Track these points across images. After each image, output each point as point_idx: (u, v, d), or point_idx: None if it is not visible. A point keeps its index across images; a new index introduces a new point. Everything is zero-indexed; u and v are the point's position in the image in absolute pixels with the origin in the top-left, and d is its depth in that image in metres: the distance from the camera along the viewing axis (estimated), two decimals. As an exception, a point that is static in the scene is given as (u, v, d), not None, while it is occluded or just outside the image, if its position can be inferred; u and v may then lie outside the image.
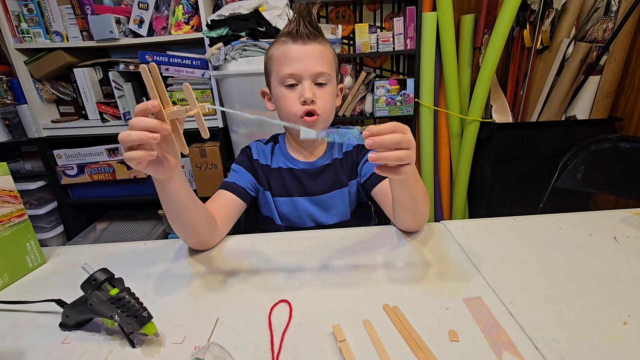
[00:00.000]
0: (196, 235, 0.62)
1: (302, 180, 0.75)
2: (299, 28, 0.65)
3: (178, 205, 0.56)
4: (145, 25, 1.52)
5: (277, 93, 0.69)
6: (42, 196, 1.72)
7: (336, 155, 0.77)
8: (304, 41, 0.66)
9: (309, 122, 0.66)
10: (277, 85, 0.68)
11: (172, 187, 0.54)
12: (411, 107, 1.69)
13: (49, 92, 1.64)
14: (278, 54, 0.68)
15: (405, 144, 0.44)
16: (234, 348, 0.43)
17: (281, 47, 0.67)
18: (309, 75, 0.66)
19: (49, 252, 0.68)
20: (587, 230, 0.65)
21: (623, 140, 1.01)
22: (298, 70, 0.66)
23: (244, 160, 0.77)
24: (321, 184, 0.75)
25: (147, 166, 0.47)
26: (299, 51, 0.65)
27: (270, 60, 0.70)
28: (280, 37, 0.68)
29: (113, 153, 1.63)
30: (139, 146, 0.45)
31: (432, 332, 0.44)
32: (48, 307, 0.51)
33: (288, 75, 0.66)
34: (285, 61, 0.66)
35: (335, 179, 0.75)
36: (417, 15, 1.57)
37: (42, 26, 1.55)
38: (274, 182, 0.76)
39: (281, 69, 0.67)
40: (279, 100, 0.69)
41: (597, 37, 1.47)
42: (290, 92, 0.67)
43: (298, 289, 0.53)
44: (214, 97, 1.56)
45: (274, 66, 0.69)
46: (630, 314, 0.45)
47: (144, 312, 0.43)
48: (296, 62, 0.65)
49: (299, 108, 0.67)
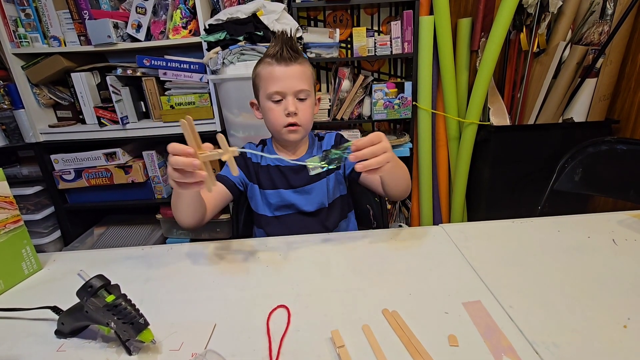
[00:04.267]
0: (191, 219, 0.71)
1: (287, 175, 0.85)
2: (282, 52, 0.76)
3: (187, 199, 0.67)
4: (143, 30, 1.52)
5: (265, 106, 0.80)
6: (39, 201, 1.71)
7: (315, 154, 0.89)
8: (287, 63, 0.76)
9: (291, 131, 0.79)
10: (264, 99, 0.79)
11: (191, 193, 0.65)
12: (409, 110, 1.69)
13: (47, 97, 1.64)
14: (265, 74, 0.78)
15: (380, 150, 0.56)
16: (232, 355, 0.42)
17: (267, 68, 0.78)
18: (292, 92, 0.77)
19: (45, 258, 0.68)
20: (586, 232, 0.65)
21: (620, 143, 1.02)
22: (282, 88, 0.77)
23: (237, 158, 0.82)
24: (302, 178, 0.85)
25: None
26: (282, 72, 0.76)
27: (258, 78, 0.81)
28: (266, 58, 0.79)
29: (110, 157, 1.63)
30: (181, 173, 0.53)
31: (432, 337, 0.43)
32: (43, 314, 0.50)
33: (274, 92, 0.77)
34: (271, 80, 0.77)
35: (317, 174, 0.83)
36: (414, 19, 1.57)
37: (39, 31, 1.55)
38: (263, 177, 0.86)
39: (268, 87, 0.77)
40: (267, 112, 0.80)
41: (593, 40, 1.48)
42: (276, 106, 0.78)
43: (296, 294, 0.53)
44: (212, 101, 1.56)
45: (262, 83, 0.79)
46: (630, 317, 0.45)
47: (141, 318, 0.42)
48: (281, 81, 0.76)
49: (284, 119, 0.78)
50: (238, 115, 1.47)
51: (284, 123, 0.78)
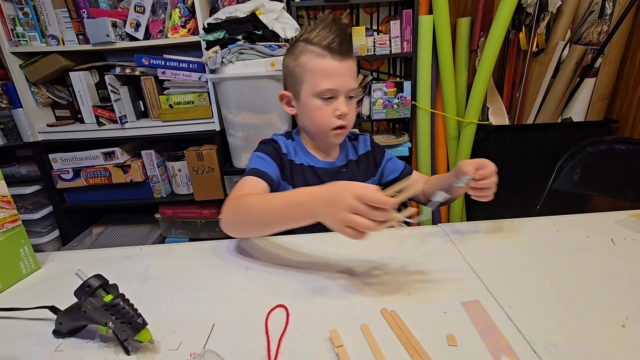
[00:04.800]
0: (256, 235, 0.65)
1: (323, 178, 0.77)
2: (341, 45, 0.67)
3: (278, 227, 0.56)
4: (142, 29, 1.51)
5: (311, 104, 0.71)
6: (37, 200, 1.70)
7: (352, 157, 0.82)
8: (342, 57, 0.68)
9: (338, 134, 0.73)
10: (310, 96, 0.71)
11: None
12: (408, 109, 1.69)
13: (45, 96, 1.63)
14: (315, 66, 0.69)
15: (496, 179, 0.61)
16: (230, 354, 0.42)
17: (319, 60, 0.68)
18: (345, 91, 0.70)
19: (43, 257, 0.67)
20: (585, 232, 0.65)
21: (619, 142, 1.02)
22: (337, 86, 0.69)
23: (270, 152, 0.76)
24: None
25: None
26: (338, 67, 0.68)
27: (303, 69, 0.70)
28: (314, 47, 0.69)
29: (109, 157, 1.62)
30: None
31: (430, 337, 0.43)
32: (41, 314, 0.50)
33: (327, 90, 0.69)
34: (325, 76, 0.68)
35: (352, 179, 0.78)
36: (413, 19, 1.57)
37: (37, 30, 1.54)
38: (297, 177, 0.77)
39: (319, 83, 0.69)
40: (312, 111, 0.71)
41: (592, 40, 1.48)
42: (326, 104, 0.70)
43: (295, 293, 0.53)
44: (211, 101, 1.55)
45: (309, 77, 0.70)
46: (629, 317, 0.45)
47: (139, 318, 0.42)
48: (335, 78, 0.68)
49: (333, 121, 0.71)
50: (237, 115, 1.47)
51: (333, 125, 0.71)
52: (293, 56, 0.72)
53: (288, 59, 0.73)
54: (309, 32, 0.70)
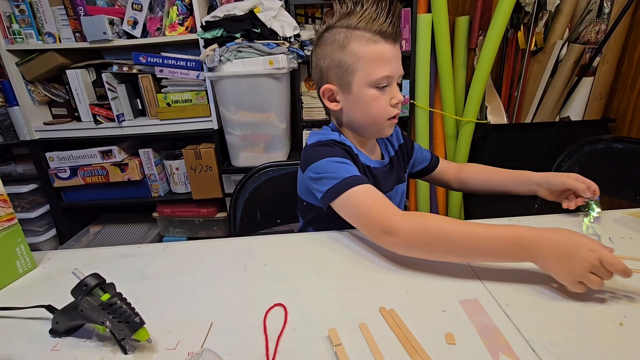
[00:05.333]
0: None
1: (378, 179, 0.73)
2: (394, 27, 0.62)
3: (481, 260, 0.56)
4: (139, 27, 1.51)
5: (366, 94, 0.65)
6: (34, 199, 1.70)
7: (391, 153, 0.79)
8: (394, 42, 0.64)
9: (393, 124, 0.70)
10: (364, 86, 0.65)
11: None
12: (407, 108, 1.69)
13: (41, 94, 1.62)
14: (370, 53, 0.63)
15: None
16: (228, 353, 0.42)
17: (374, 47, 0.63)
18: (398, 77, 0.66)
19: (40, 256, 0.67)
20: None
21: (616, 141, 1.02)
22: (392, 72, 0.64)
23: (344, 154, 0.67)
24: (390, 181, 0.76)
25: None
26: (392, 52, 0.64)
27: (356, 58, 0.63)
28: (364, 33, 0.63)
29: (106, 155, 1.62)
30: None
31: (429, 335, 0.43)
32: (38, 313, 0.50)
33: (384, 77, 0.64)
34: (381, 62, 0.63)
35: (398, 175, 0.79)
36: (412, 17, 1.57)
37: (34, 27, 1.53)
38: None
39: (376, 71, 0.63)
40: (369, 102, 0.65)
41: (590, 39, 1.48)
42: (382, 94, 0.65)
43: (293, 292, 0.53)
44: (209, 99, 1.55)
45: (363, 65, 0.63)
46: (626, 315, 0.45)
47: (136, 317, 0.42)
48: (391, 64, 0.64)
49: (390, 110, 0.67)
50: (235, 113, 1.46)
51: (389, 114, 0.66)
52: (337, 44, 0.64)
53: (329, 48, 0.66)
54: (348, 16, 0.63)
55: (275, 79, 1.42)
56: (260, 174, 0.92)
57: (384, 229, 0.56)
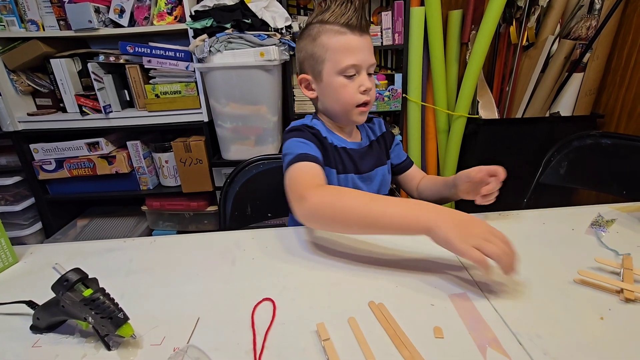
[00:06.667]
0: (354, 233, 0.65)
1: (354, 159, 0.78)
2: (360, 21, 0.68)
3: (380, 231, 0.57)
4: (126, 15, 1.47)
5: (335, 82, 0.71)
6: (18, 192, 1.65)
7: (372, 138, 0.84)
8: (362, 33, 0.69)
9: (362, 112, 0.73)
10: (333, 75, 0.70)
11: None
12: (399, 102, 1.69)
13: (25, 84, 1.57)
14: (336, 44, 0.69)
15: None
16: (215, 349, 0.41)
17: (339, 37, 0.68)
18: (367, 66, 0.70)
19: (22, 250, 0.65)
20: (570, 225, 0.66)
21: (604, 137, 1.03)
22: (359, 61, 0.69)
23: (309, 137, 0.72)
24: (368, 162, 0.80)
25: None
26: (359, 43, 0.68)
27: (323, 49, 0.70)
28: (332, 26, 0.69)
29: (93, 147, 1.58)
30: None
31: (417, 329, 0.43)
32: (18, 309, 0.48)
33: (350, 66, 0.69)
34: (347, 52, 0.68)
35: (378, 157, 0.83)
36: (405, 10, 1.56)
37: (16, 14, 1.48)
38: (334, 159, 0.76)
39: (342, 60, 0.69)
40: (337, 89, 0.71)
41: (581, 35, 1.49)
42: (349, 82, 0.70)
43: (282, 287, 0.52)
44: (199, 91, 1.52)
45: (330, 55, 0.69)
46: (611, 308, 0.46)
47: (120, 313, 0.41)
48: (357, 54, 0.68)
49: (358, 97, 0.71)
50: (225, 105, 1.44)
51: (357, 101, 0.71)
52: (310, 38, 0.71)
53: (304, 42, 0.73)
54: (323, 13, 0.70)
55: (267, 71, 1.40)
56: (251, 167, 0.91)
57: (298, 197, 0.58)
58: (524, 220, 0.69)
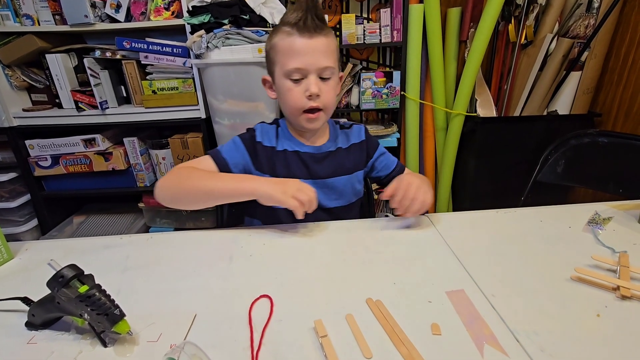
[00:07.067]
0: (198, 207, 0.70)
1: (307, 163, 0.76)
2: (307, 21, 0.64)
3: (218, 198, 0.67)
4: (123, 10, 1.45)
5: (282, 85, 0.69)
6: (13, 188, 1.64)
7: (341, 145, 0.80)
8: (311, 34, 0.65)
9: (310, 119, 0.70)
10: (281, 77, 0.69)
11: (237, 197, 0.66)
12: (397, 100, 1.68)
13: (20, 79, 1.55)
14: (283, 46, 0.67)
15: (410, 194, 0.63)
16: (212, 345, 0.41)
17: (287, 39, 0.66)
18: (315, 70, 0.67)
19: (17, 247, 0.64)
20: (567, 223, 0.66)
21: (602, 135, 1.04)
22: (304, 65, 0.66)
23: (246, 139, 0.76)
24: (326, 168, 0.77)
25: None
26: (305, 45, 0.65)
27: (274, 50, 0.69)
28: (284, 27, 0.67)
29: (89, 144, 1.57)
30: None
31: (415, 326, 0.43)
32: (13, 306, 0.48)
33: (294, 69, 0.66)
34: (292, 54, 0.66)
35: (340, 165, 0.78)
36: (403, 7, 1.55)
37: (10, 8, 1.46)
38: (279, 164, 0.75)
39: (287, 62, 0.66)
40: (284, 93, 0.70)
41: (579, 33, 1.49)
42: (295, 85, 0.68)
43: (280, 283, 0.52)
44: (196, 87, 1.51)
45: (279, 57, 0.68)
46: (607, 305, 0.46)
47: (116, 309, 0.41)
48: (302, 56, 0.65)
49: (304, 102, 0.68)
50: (223, 102, 1.43)
51: (303, 106, 0.68)
52: (269, 38, 0.71)
53: (267, 42, 0.72)
54: (285, 12, 0.69)
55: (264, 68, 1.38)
56: (248, 164, 0.90)
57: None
58: (522, 217, 0.69)
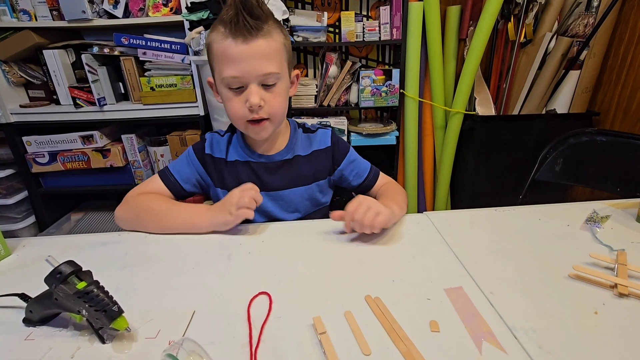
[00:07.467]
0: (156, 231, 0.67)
1: (259, 174, 0.70)
2: (238, 21, 0.55)
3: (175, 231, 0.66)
4: (121, 6, 1.44)
5: (222, 94, 0.63)
6: (11, 185, 1.63)
7: (300, 152, 0.73)
8: (245, 38, 0.56)
9: (255, 129, 0.63)
10: (220, 84, 0.62)
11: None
12: (396, 98, 1.68)
13: (17, 75, 1.55)
14: (217, 50, 0.59)
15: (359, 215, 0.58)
16: (211, 342, 0.41)
17: (221, 42, 0.58)
18: (255, 78, 0.59)
19: (14, 243, 0.64)
20: (565, 221, 0.66)
21: (600, 134, 1.04)
22: (241, 73, 0.58)
23: (198, 150, 0.72)
24: (279, 179, 0.71)
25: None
26: (240, 51, 0.56)
27: (211, 52, 0.61)
28: (219, 25, 0.58)
29: (87, 140, 1.56)
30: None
31: (414, 323, 0.43)
32: (11, 302, 0.48)
33: (230, 78, 0.59)
34: (226, 61, 0.58)
35: (296, 176, 0.73)
36: (403, 5, 1.55)
37: (7, 4, 1.45)
38: (228, 176, 0.70)
39: (222, 70, 0.59)
40: (225, 102, 0.63)
41: (578, 32, 1.49)
42: (235, 95, 0.61)
43: (279, 280, 0.52)
44: (195, 84, 1.50)
45: (215, 63, 0.61)
46: (605, 303, 0.46)
47: (114, 306, 0.41)
48: (239, 64, 0.57)
49: (245, 113, 0.61)
50: (222, 99, 1.43)
51: (245, 117, 0.61)
52: (208, 34, 0.64)
53: (206, 40, 0.66)
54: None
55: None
56: (247, 161, 0.90)
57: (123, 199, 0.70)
58: (520, 216, 0.69)
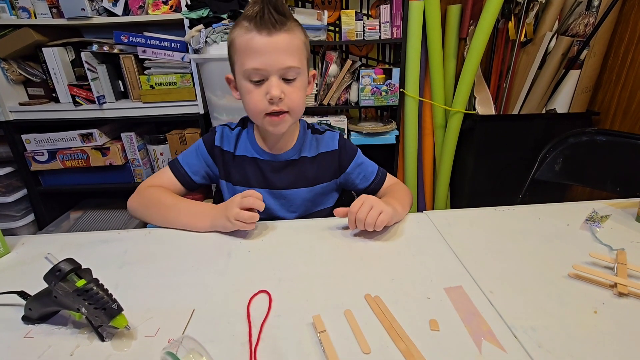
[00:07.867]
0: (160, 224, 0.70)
1: (264, 172, 0.72)
2: (264, 15, 0.58)
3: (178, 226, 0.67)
4: (121, 4, 1.44)
5: (242, 87, 0.64)
6: (10, 183, 1.63)
7: (306, 154, 0.74)
8: (270, 31, 0.59)
9: (273, 122, 0.64)
10: (241, 78, 0.63)
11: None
12: (396, 97, 1.68)
13: (16, 73, 1.54)
14: (241, 43, 0.61)
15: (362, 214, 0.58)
16: (210, 340, 0.41)
17: (244, 36, 0.60)
18: (276, 70, 0.61)
19: (13, 241, 0.64)
20: (565, 220, 0.66)
21: (599, 134, 1.04)
22: (264, 65, 0.60)
23: (207, 142, 0.74)
24: (284, 179, 0.72)
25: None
26: (264, 43, 0.59)
27: (233, 48, 0.63)
28: (243, 21, 0.61)
29: (87, 139, 1.56)
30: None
31: (413, 322, 0.43)
32: (10, 300, 0.48)
33: (252, 70, 0.61)
34: (249, 53, 0.60)
35: (300, 176, 0.74)
36: (403, 4, 1.55)
37: (6, 1, 1.44)
38: (234, 170, 0.72)
39: (245, 62, 0.61)
40: (244, 95, 0.65)
41: (579, 32, 1.49)
42: (255, 87, 0.62)
43: (278, 279, 0.52)
44: (194, 82, 1.50)
45: (237, 56, 0.63)
46: (605, 302, 0.46)
47: (114, 304, 0.41)
48: (261, 56, 0.59)
49: (266, 105, 0.62)
50: (222, 98, 1.43)
51: (264, 110, 0.63)
52: (229, 33, 0.65)
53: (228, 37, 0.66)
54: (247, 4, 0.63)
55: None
56: (247, 160, 0.90)
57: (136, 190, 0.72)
58: (520, 215, 0.69)
